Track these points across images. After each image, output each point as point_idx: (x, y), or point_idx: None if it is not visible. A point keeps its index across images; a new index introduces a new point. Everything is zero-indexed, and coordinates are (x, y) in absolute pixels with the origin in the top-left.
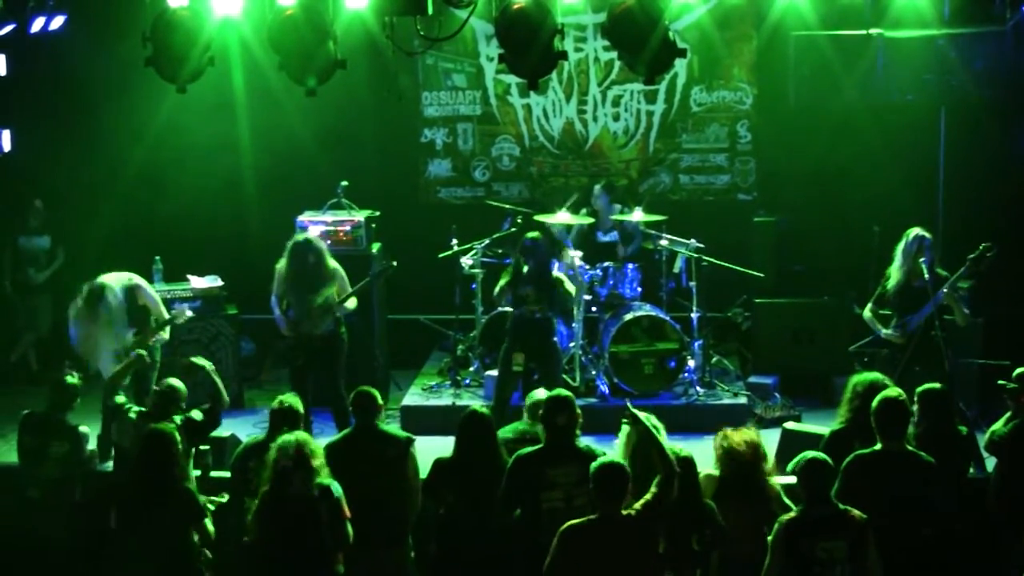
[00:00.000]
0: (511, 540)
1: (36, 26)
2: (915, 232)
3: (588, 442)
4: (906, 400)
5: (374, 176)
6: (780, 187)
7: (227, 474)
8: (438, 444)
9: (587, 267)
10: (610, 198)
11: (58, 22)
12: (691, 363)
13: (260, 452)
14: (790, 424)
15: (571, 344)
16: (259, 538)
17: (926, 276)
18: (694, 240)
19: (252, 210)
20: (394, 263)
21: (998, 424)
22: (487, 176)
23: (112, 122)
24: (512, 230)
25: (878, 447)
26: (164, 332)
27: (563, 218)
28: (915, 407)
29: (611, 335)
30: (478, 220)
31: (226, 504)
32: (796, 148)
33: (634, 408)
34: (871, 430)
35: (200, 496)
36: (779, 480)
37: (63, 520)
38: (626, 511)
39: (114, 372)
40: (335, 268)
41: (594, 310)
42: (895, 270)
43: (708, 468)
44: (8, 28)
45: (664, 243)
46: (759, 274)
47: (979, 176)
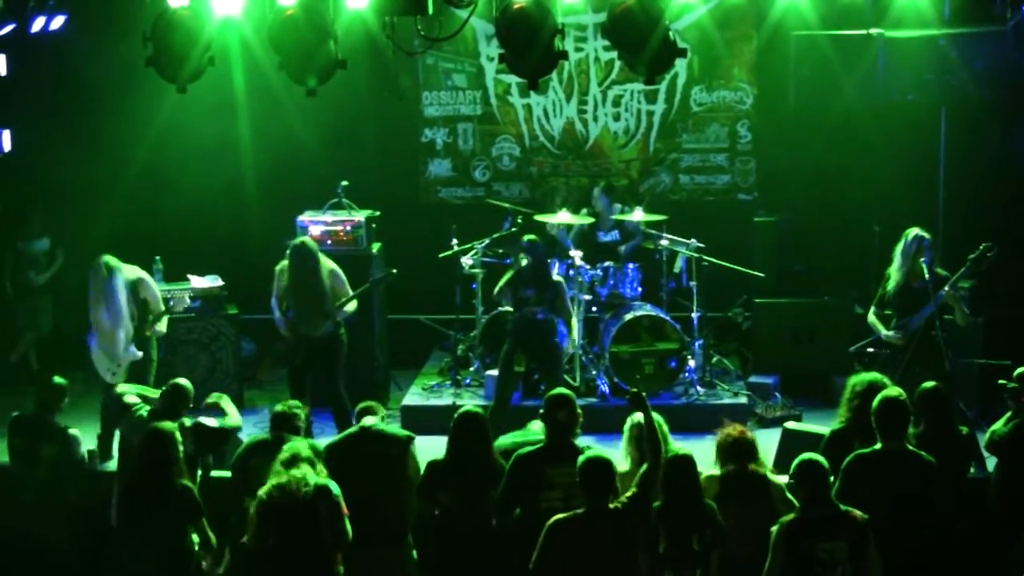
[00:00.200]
0: (510, 541)
1: (36, 26)
2: (914, 232)
3: (588, 442)
4: (906, 400)
5: (374, 176)
6: (780, 187)
7: (227, 474)
8: (438, 444)
9: (587, 267)
10: (610, 199)
11: (58, 22)
12: (691, 363)
13: (261, 452)
14: (790, 424)
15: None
16: (259, 538)
17: (926, 276)
18: (694, 240)
19: (252, 210)
20: (394, 271)
21: (998, 424)
22: (487, 176)
23: (112, 122)
24: (512, 230)
25: (878, 447)
26: (161, 324)
27: (563, 218)
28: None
29: (611, 335)
30: (478, 220)
31: (225, 504)
32: (796, 148)
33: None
34: (871, 430)
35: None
36: (781, 479)
37: (59, 522)
38: (613, 504)
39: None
40: (334, 270)
41: (594, 310)
42: (895, 271)
43: (709, 468)
44: (8, 28)
45: (664, 243)
46: (759, 274)
47: (979, 176)
